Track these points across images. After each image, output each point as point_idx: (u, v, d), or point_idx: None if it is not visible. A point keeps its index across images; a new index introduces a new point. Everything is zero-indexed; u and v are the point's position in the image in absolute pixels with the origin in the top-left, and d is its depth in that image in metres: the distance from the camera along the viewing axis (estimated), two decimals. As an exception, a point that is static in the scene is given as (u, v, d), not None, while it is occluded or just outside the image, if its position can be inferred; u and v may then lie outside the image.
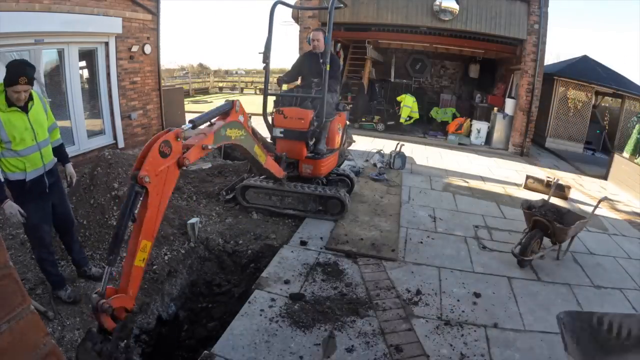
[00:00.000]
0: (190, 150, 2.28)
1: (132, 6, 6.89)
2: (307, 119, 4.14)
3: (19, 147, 2.44)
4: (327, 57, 3.99)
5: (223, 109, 2.82)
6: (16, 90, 2.32)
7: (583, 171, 8.27)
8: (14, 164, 2.47)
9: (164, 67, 15.49)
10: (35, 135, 2.53)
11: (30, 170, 2.53)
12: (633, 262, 3.96)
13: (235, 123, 2.89)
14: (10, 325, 0.79)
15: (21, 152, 2.46)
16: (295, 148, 4.27)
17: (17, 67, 2.33)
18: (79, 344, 1.93)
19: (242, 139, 3.02)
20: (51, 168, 2.71)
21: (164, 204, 2.16)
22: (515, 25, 8.86)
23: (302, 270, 3.24)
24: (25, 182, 2.52)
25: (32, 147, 2.51)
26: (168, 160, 2.11)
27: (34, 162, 2.55)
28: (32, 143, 2.51)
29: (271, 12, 4.47)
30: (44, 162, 2.61)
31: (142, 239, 2.03)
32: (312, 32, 4.54)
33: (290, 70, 4.89)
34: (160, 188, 2.10)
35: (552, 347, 2.54)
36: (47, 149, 2.65)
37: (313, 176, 4.42)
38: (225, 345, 2.34)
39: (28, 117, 2.48)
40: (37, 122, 2.55)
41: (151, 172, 2.00)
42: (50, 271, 2.78)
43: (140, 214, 2.03)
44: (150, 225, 2.07)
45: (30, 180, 2.54)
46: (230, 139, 2.88)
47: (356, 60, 11.62)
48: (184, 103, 10.81)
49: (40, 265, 2.78)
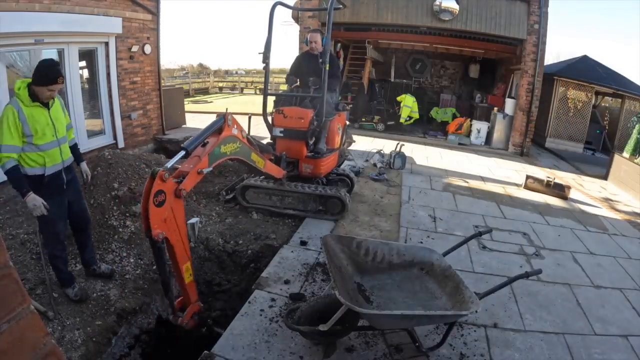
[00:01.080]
0: (186, 180, 2.24)
1: (132, 6, 6.90)
2: (307, 118, 4.13)
3: (40, 142, 2.51)
4: (327, 56, 3.99)
5: (215, 127, 2.64)
6: (52, 89, 2.47)
7: (583, 171, 8.27)
8: (34, 159, 2.53)
9: (164, 67, 15.49)
10: (56, 130, 2.61)
11: (50, 166, 2.59)
12: (633, 262, 3.95)
13: (229, 138, 2.74)
14: (10, 325, 0.79)
15: (42, 147, 2.53)
16: (295, 147, 4.27)
17: (55, 67, 2.50)
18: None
19: (237, 151, 2.89)
20: (69, 165, 2.77)
21: (183, 228, 2.31)
22: (515, 25, 8.86)
23: (302, 270, 3.24)
24: (44, 177, 2.57)
25: (52, 142, 2.59)
26: (167, 204, 2.12)
27: (54, 157, 2.61)
28: (53, 138, 2.59)
29: (271, 12, 4.47)
30: (63, 158, 2.68)
31: (182, 264, 2.32)
32: (310, 33, 4.54)
33: (290, 70, 4.88)
34: (174, 226, 2.21)
35: (552, 347, 2.54)
36: (65, 145, 2.72)
37: (313, 176, 4.42)
38: (225, 345, 2.34)
39: (49, 113, 2.56)
40: (57, 119, 2.64)
41: (160, 224, 2.09)
42: (62, 269, 2.81)
43: (170, 253, 2.24)
44: (182, 254, 2.31)
45: (48, 176, 2.59)
46: (226, 154, 2.74)
47: (356, 60, 11.62)
48: (184, 103, 10.81)
49: (51, 262, 2.80)
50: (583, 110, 10.22)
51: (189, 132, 9.21)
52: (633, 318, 2.96)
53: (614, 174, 7.44)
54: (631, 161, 7.08)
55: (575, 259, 3.87)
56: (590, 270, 3.66)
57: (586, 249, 4.14)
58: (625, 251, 4.21)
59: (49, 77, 2.44)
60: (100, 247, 3.47)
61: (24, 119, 2.42)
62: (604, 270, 3.71)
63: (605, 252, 4.13)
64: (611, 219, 5.28)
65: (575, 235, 4.50)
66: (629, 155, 7.55)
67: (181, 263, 2.30)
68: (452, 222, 4.57)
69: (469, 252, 3.76)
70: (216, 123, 2.67)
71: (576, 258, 3.89)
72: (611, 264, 3.85)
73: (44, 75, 2.44)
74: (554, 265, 3.69)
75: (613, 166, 7.53)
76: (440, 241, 3.99)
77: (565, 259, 3.85)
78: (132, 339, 2.89)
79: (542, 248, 4.05)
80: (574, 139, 10.39)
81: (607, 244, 4.38)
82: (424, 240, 4.00)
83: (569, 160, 9.24)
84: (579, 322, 2.84)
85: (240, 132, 2.92)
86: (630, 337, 2.71)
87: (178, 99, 10.13)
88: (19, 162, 2.47)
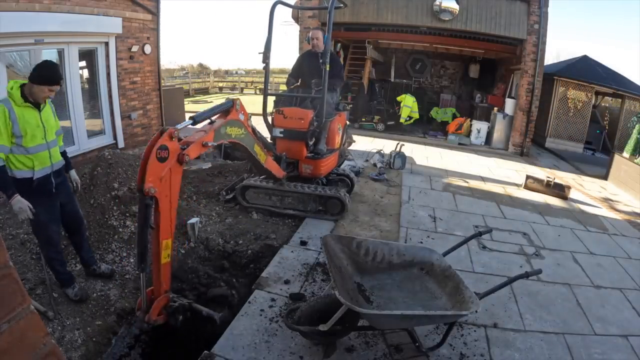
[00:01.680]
0: (191, 147, 2.31)
1: (132, 6, 6.89)
2: (307, 119, 4.13)
3: (29, 144, 2.47)
4: (327, 56, 3.98)
5: (224, 107, 2.84)
6: (52, 89, 2.48)
7: (583, 171, 8.27)
8: (22, 161, 2.49)
9: (164, 67, 15.49)
10: (46, 133, 2.57)
11: (38, 169, 2.55)
12: (633, 262, 3.95)
13: (235, 121, 2.91)
14: (10, 325, 0.79)
15: (30, 150, 2.49)
16: (295, 148, 4.26)
17: (58, 69, 2.53)
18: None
19: (242, 137, 3.04)
20: (59, 169, 2.73)
21: (175, 202, 2.25)
22: (515, 25, 8.86)
23: (302, 270, 3.24)
24: (32, 181, 2.53)
25: (41, 145, 2.55)
26: (168, 163, 2.13)
27: (42, 160, 2.57)
28: (42, 141, 2.55)
29: (271, 12, 4.46)
30: (52, 162, 2.64)
31: (163, 239, 2.22)
32: (312, 30, 4.53)
33: (291, 71, 4.87)
34: (167, 191, 2.15)
35: (552, 347, 2.54)
36: (55, 149, 2.68)
37: (313, 176, 4.41)
38: (225, 345, 2.34)
39: (40, 115, 2.53)
40: (48, 122, 2.60)
41: (155, 181, 2.05)
42: (59, 270, 2.80)
43: (156, 220, 2.15)
44: (167, 226, 2.21)
45: (37, 179, 2.55)
46: (231, 137, 2.89)
47: (356, 60, 11.62)
48: (184, 103, 10.83)
49: (49, 264, 2.80)
50: (583, 110, 10.22)
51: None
52: (633, 318, 2.96)
53: (614, 174, 7.44)
54: (631, 161, 7.08)
55: (575, 259, 3.87)
56: (590, 270, 3.66)
57: (586, 249, 4.14)
58: (625, 251, 4.21)
59: (53, 78, 2.45)
60: (100, 247, 3.47)
61: (15, 118, 2.38)
62: (604, 270, 3.71)
63: (605, 252, 4.13)
64: (611, 219, 5.28)
65: (575, 235, 4.50)
66: (629, 155, 7.55)
67: (162, 236, 2.20)
68: (452, 222, 4.57)
69: (469, 252, 3.76)
70: (225, 104, 2.83)
71: (576, 258, 3.89)
72: (611, 264, 3.85)
73: (48, 75, 2.44)
74: (554, 265, 3.69)
75: (613, 166, 7.53)
76: (440, 241, 3.99)
77: (565, 259, 3.85)
78: (132, 339, 2.89)
79: (542, 248, 4.05)
80: (574, 139, 10.39)
81: (607, 244, 4.38)
82: (423, 240, 4.00)
83: (569, 160, 9.24)
84: (579, 322, 2.84)
85: (246, 120, 3.03)
86: (630, 337, 2.71)
87: (178, 99, 10.14)
88: (7, 164, 2.43)
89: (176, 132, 2.17)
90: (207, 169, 5.78)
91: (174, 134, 2.16)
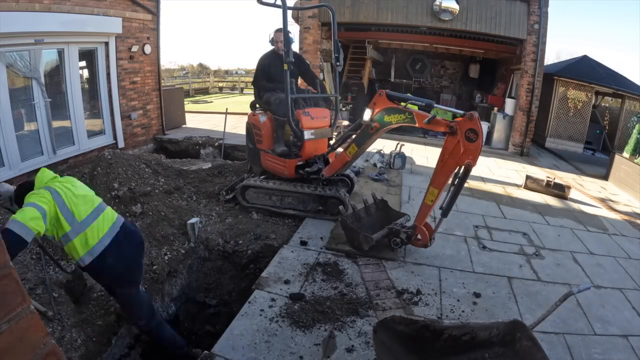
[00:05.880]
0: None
1: (132, 6, 6.90)
2: (329, 116, 4.47)
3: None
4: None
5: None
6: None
7: (583, 171, 8.27)
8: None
9: (164, 67, 15.50)
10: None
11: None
12: (633, 262, 3.95)
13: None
14: (10, 325, 0.79)
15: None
16: (322, 146, 4.49)
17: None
18: None
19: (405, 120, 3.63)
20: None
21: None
22: (515, 25, 8.85)
23: (302, 270, 3.24)
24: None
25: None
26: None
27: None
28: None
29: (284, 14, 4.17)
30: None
31: (431, 187, 3.23)
32: (275, 32, 4.41)
33: (258, 73, 4.65)
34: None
35: (552, 347, 2.54)
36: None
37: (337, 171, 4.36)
38: (225, 345, 2.34)
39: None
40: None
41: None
42: (167, 335, 2.66)
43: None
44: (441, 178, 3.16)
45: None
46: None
47: (356, 60, 11.62)
48: (184, 103, 10.82)
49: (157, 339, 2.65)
50: (583, 110, 10.21)
51: (189, 132, 9.21)
52: (633, 318, 2.96)
53: (614, 174, 7.43)
54: (631, 161, 7.07)
55: (575, 259, 3.87)
56: (590, 270, 3.66)
57: (586, 249, 4.14)
58: (625, 251, 4.21)
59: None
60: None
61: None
62: (604, 270, 3.71)
63: (605, 252, 4.13)
64: (611, 219, 5.27)
65: (575, 235, 4.50)
66: (629, 155, 7.55)
67: (434, 185, 3.26)
68: (452, 222, 4.56)
69: (468, 252, 3.76)
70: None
71: (576, 258, 3.89)
72: (611, 264, 3.85)
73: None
74: (554, 265, 3.69)
75: (613, 166, 7.52)
76: (440, 241, 3.98)
77: (565, 259, 3.85)
78: (132, 339, 2.89)
79: (542, 248, 4.05)
80: (574, 139, 10.39)
81: (607, 244, 4.38)
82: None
83: (569, 160, 9.24)
84: (579, 322, 2.84)
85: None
86: (630, 337, 2.71)
87: (178, 99, 10.14)
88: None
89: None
90: (207, 169, 5.78)
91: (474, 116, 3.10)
